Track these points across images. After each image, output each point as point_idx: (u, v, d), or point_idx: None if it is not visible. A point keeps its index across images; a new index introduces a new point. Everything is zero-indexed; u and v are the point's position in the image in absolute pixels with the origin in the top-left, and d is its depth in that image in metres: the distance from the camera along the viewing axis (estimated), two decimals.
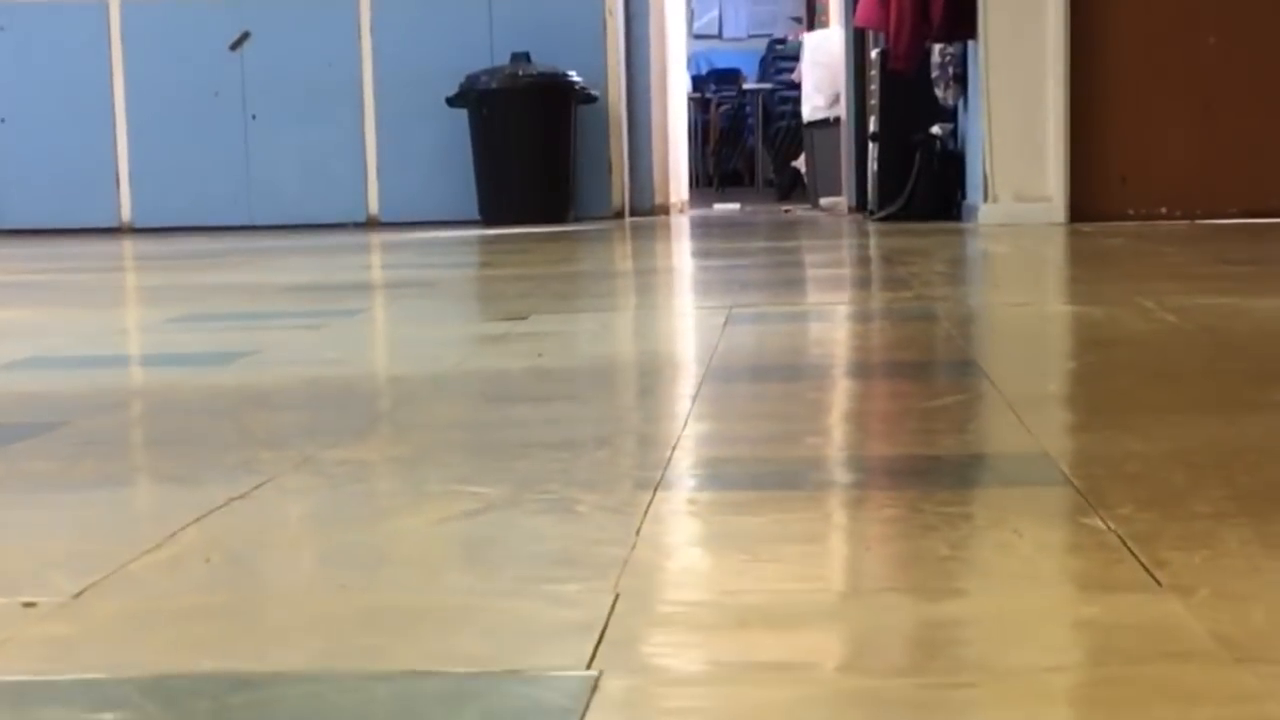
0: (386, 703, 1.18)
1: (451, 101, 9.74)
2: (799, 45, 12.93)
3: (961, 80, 9.08)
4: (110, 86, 10.17)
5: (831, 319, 4.37)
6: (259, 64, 10.18)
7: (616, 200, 10.29)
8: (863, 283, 5.67)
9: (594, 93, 9.90)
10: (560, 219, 9.74)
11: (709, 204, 12.88)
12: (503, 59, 9.84)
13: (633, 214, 10.37)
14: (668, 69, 10.65)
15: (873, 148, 9.59)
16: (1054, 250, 6.90)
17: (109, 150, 10.25)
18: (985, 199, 8.57)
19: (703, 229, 9.45)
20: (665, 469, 2.12)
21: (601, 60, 10.13)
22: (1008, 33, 8.54)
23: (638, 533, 1.75)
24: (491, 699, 1.19)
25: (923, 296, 4.65)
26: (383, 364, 3.70)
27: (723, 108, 15.97)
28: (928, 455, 2.25)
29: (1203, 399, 2.82)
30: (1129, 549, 1.61)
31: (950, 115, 9.31)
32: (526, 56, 9.79)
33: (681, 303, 5.00)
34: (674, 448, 2.30)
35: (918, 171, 9.10)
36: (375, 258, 7.59)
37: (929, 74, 9.16)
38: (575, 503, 1.91)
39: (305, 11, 10.15)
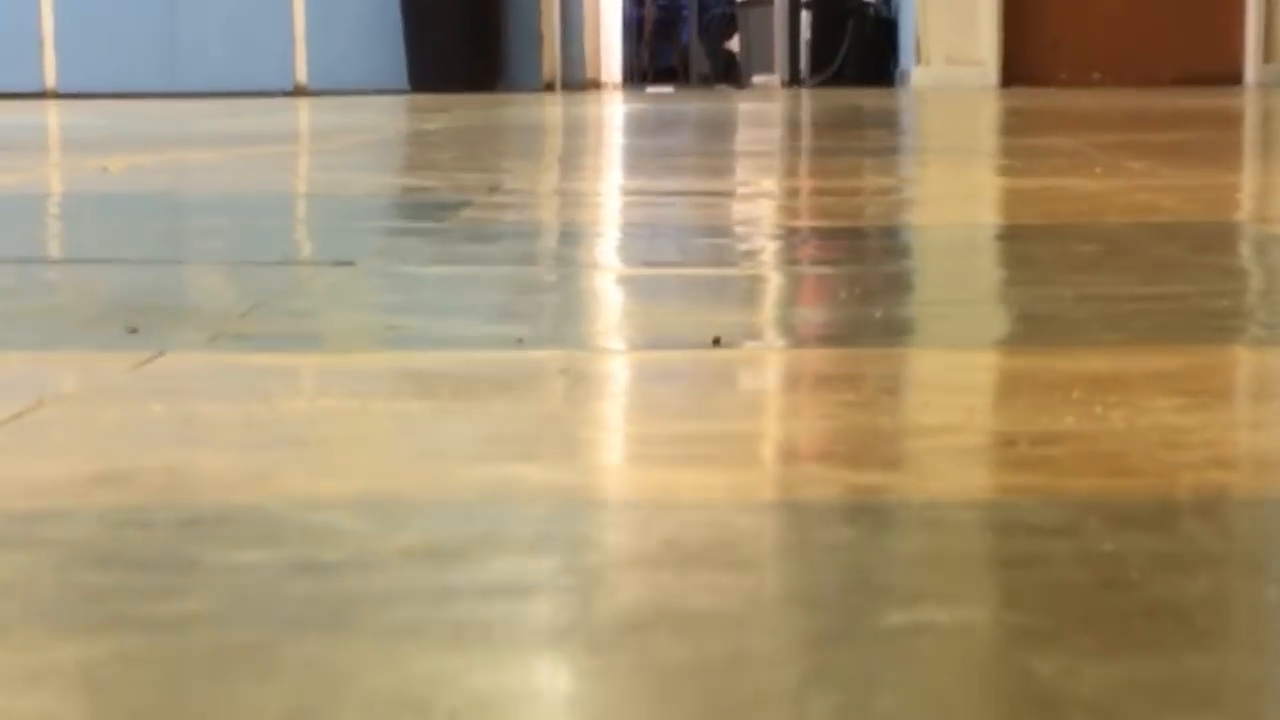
0: None
1: None
2: None
3: None
4: None
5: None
6: None
7: (547, 72, 10.20)
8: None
9: None
10: (489, 88, 9.64)
11: (641, 90, 12.80)
12: None
13: (563, 88, 10.28)
14: None
15: (806, 16, 9.54)
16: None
17: (34, 15, 10.10)
18: (917, 62, 8.53)
19: (637, 101, 9.39)
20: None
21: None
22: None
23: None
24: None
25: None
26: None
27: (658, 0, 15.84)
28: None
29: None
30: None
31: None
32: None
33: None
34: None
35: (850, 38, 9.05)
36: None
37: None
38: None
39: None
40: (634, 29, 15.28)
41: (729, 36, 12.69)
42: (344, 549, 0.83)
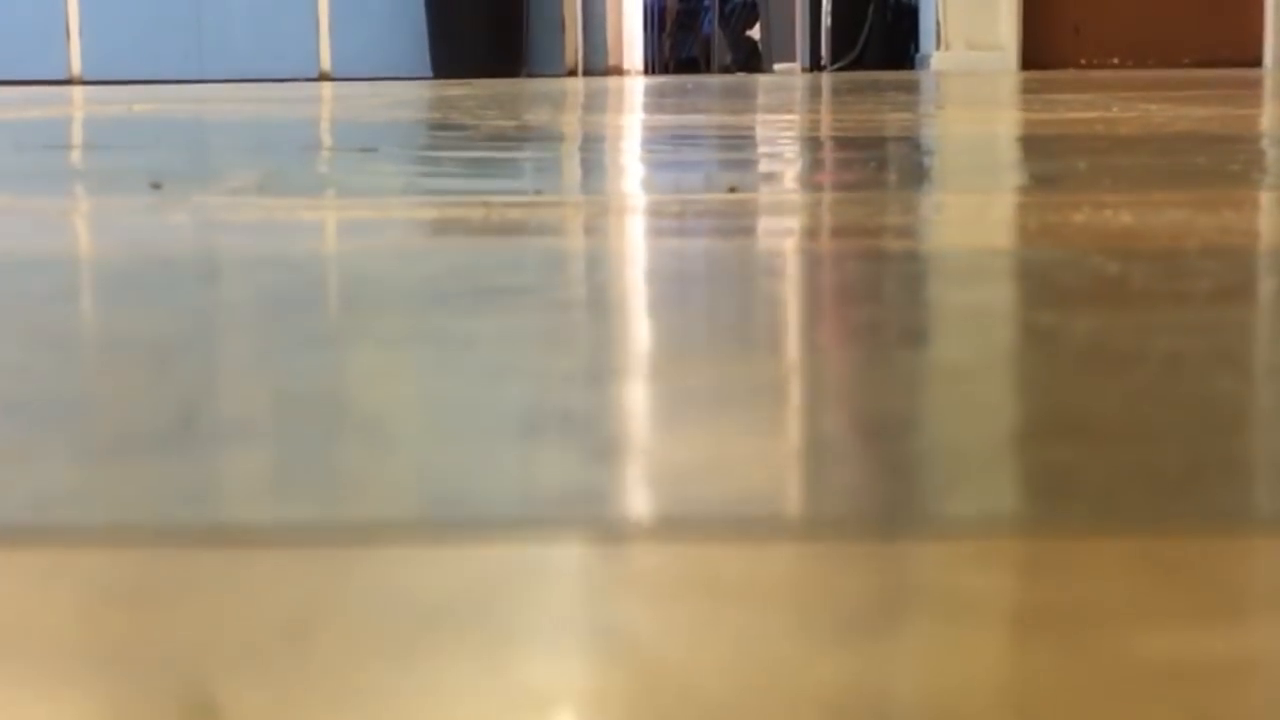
0: None
1: None
2: None
3: None
4: None
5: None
6: None
7: (569, 60, 10.23)
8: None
9: None
10: (512, 75, 9.67)
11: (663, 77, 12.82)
12: None
13: (586, 74, 10.32)
14: None
15: (826, 3, 9.56)
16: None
17: (60, 2, 10.15)
18: (937, 47, 8.55)
19: (658, 85, 9.42)
20: None
21: None
22: None
23: None
24: None
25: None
26: None
27: None
28: None
29: None
30: None
31: None
32: None
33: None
34: None
35: (871, 24, 9.07)
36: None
37: None
38: None
39: None
40: (656, 19, 15.31)
41: (750, 25, 12.73)
42: None
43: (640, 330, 0.90)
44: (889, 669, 0.40)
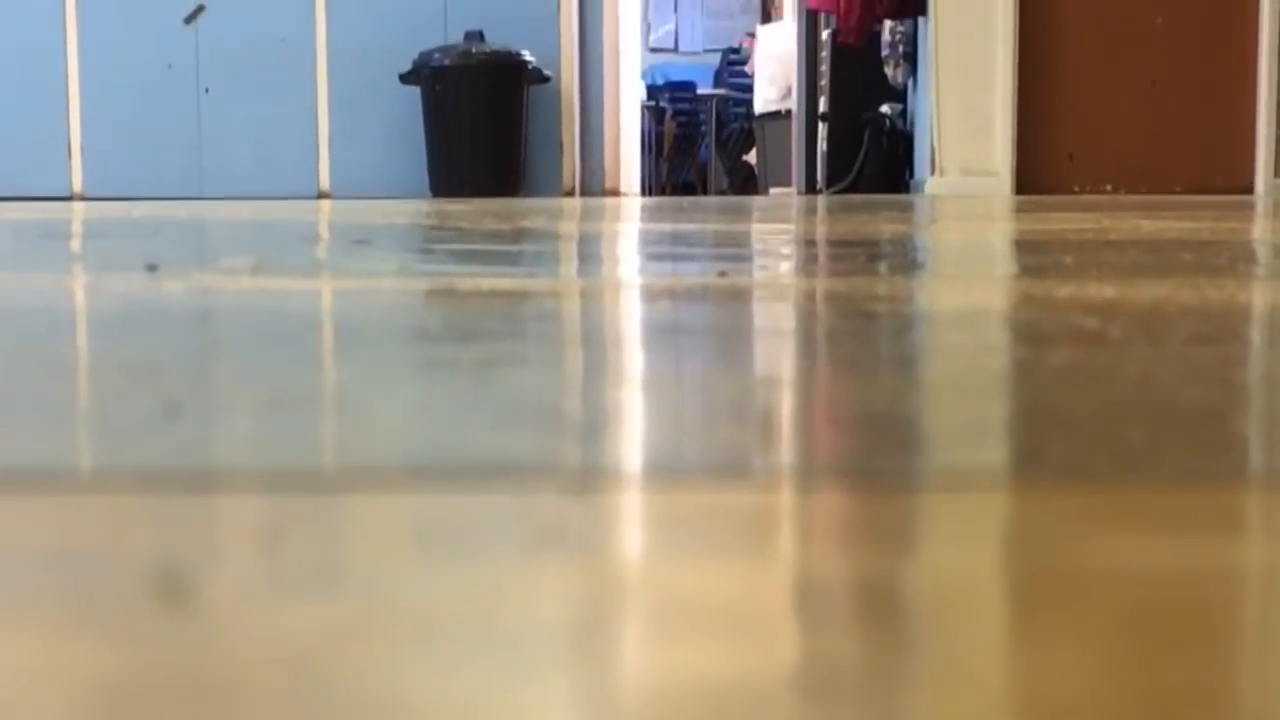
0: None
1: (404, 78, 9.75)
2: (752, 53, 13.00)
3: (911, 59, 9.14)
4: (64, 57, 10.16)
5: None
6: (213, 37, 10.18)
7: (567, 180, 10.30)
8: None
9: (547, 73, 9.92)
10: (510, 196, 9.74)
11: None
12: (457, 37, 9.86)
13: (583, 195, 10.39)
14: (621, 56, 10.69)
15: (822, 128, 9.65)
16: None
17: (61, 120, 10.24)
18: (932, 173, 8.61)
19: (654, 203, 9.48)
20: None
21: (555, 41, 10.16)
22: (957, 8, 8.60)
23: None
24: None
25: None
26: None
27: (677, 117, 15.99)
28: None
29: None
30: None
31: (900, 95, 9.37)
32: (480, 35, 9.81)
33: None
34: None
35: (866, 149, 9.15)
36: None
37: (879, 54, 9.22)
38: None
39: None
40: (653, 144, 15.44)
41: (746, 150, 12.83)
42: None
43: (607, 358, 0.92)
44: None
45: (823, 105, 9.69)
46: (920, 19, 8.87)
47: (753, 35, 16.81)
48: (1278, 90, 8.63)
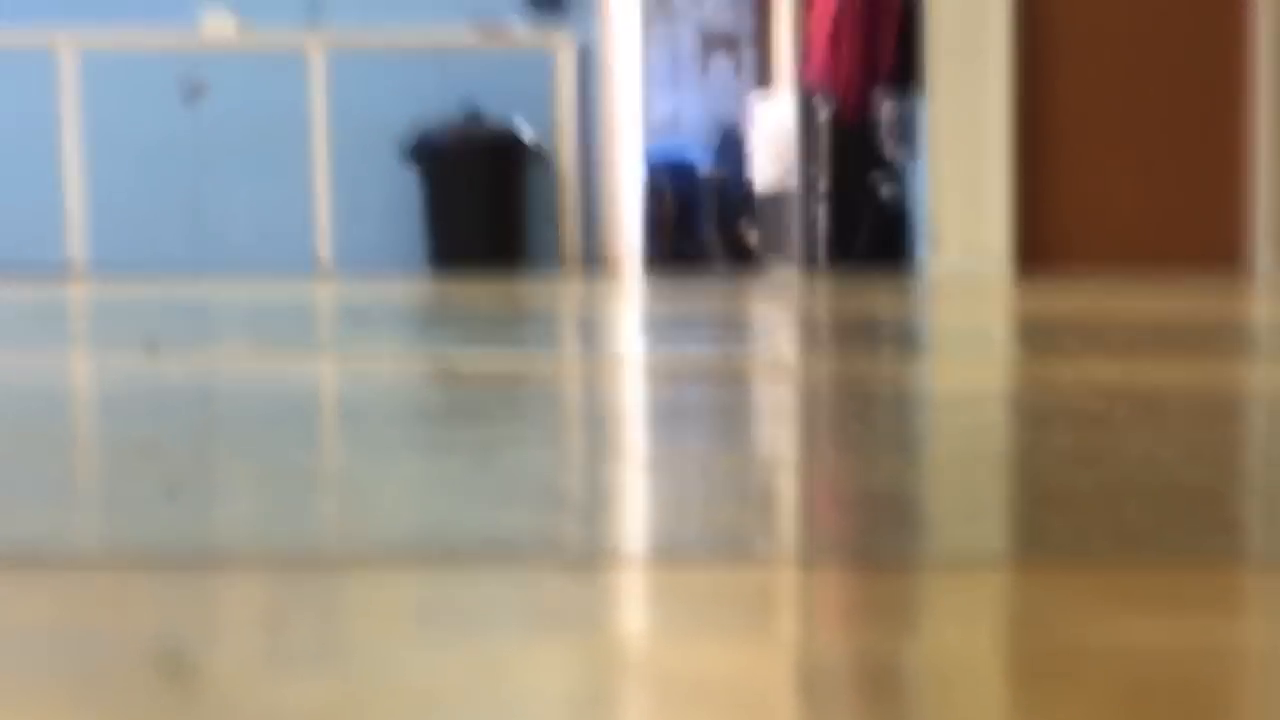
0: None
1: (404, 157, 9.78)
2: (750, 130, 13.03)
3: (909, 137, 9.17)
4: (61, 135, 10.19)
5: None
6: (213, 114, 10.22)
7: (568, 256, 10.32)
8: None
9: (545, 150, 9.95)
10: (509, 266, 9.75)
11: (659, 275, 12.90)
12: (454, 112, 9.90)
13: (583, 271, 10.40)
14: (619, 133, 10.72)
15: (822, 206, 9.67)
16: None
17: (60, 192, 10.26)
18: (931, 250, 8.63)
19: (654, 285, 9.48)
20: None
21: (553, 118, 10.19)
22: (953, 85, 8.64)
23: None
24: None
25: None
26: None
27: (677, 196, 16.01)
28: None
29: None
30: None
31: (898, 174, 9.39)
32: (478, 113, 9.84)
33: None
34: None
35: (866, 227, 9.16)
36: None
37: (877, 131, 9.25)
38: None
39: (259, 64, 10.22)
40: (654, 215, 15.44)
41: (746, 228, 12.85)
42: None
43: (602, 427, 0.92)
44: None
45: (821, 183, 9.71)
46: (918, 98, 8.91)
47: (751, 114, 16.87)
48: (1277, 166, 8.66)
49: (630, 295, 4.23)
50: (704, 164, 16.39)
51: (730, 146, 15.20)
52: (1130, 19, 8.70)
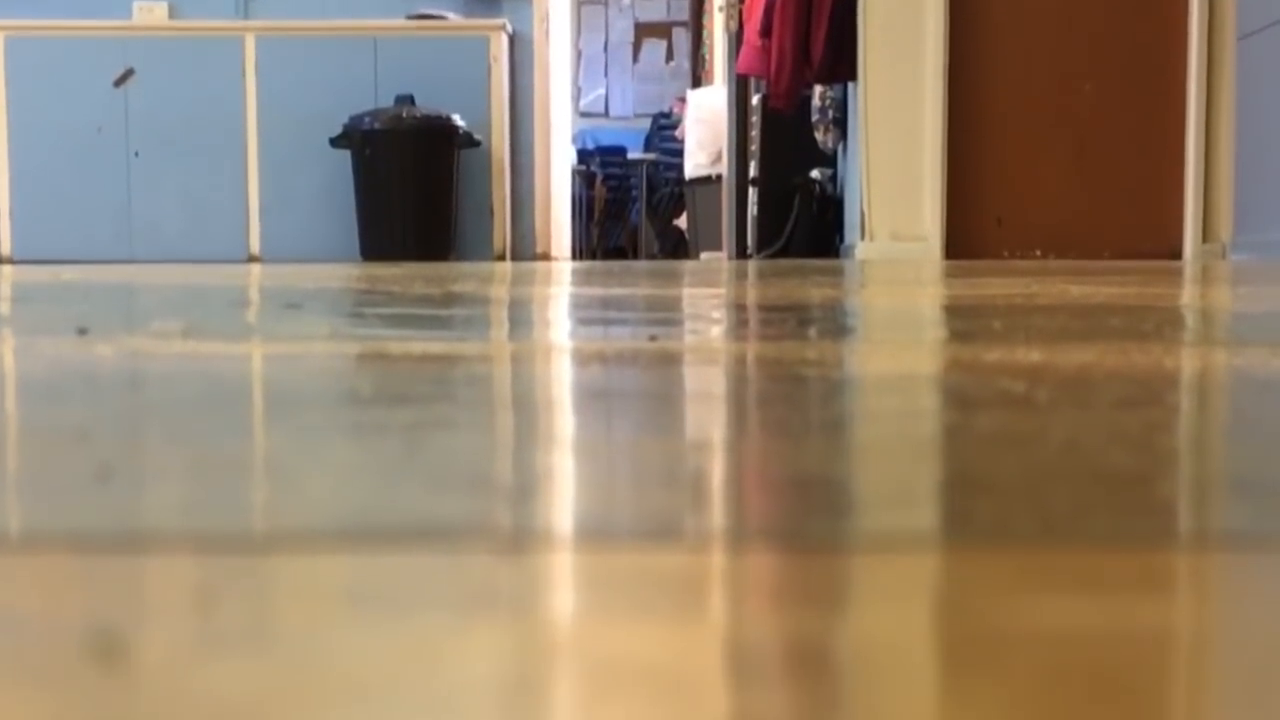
0: None
1: (334, 142, 9.75)
2: (682, 118, 13.06)
3: (841, 124, 9.20)
4: None
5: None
6: (143, 101, 10.17)
7: (498, 245, 10.32)
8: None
9: (477, 137, 9.94)
10: (440, 259, 9.74)
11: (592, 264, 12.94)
12: (387, 102, 9.88)
13: (514, 259, 10.41)
14: (551, 120, 10.72)
15: (753, 193, 9.69)
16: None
17: None
18: (862, 237, 8.66)
19: (585, 268, 9.50)
20: None
21: (485, 106, 10.18)
22: (887, 74, 8.67)
23: None
24: None
25: None
26: None
27: (608, 182, 16.04)
28: None
29: None
30: None
31: (830, 160, 9.42)
32: (411, 99, 9.83)
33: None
34: None
35: (796, 214, 9.19)
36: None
37: (809, 119, 9.28)
38: None
39: (190, 50, 10.16)
40: (584, 209, 15.48)
41: (677, 215, 12.88)
42: None
43: (538, 421, 0.92)
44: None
45: (753, 170, 9.74)
46: (850, 85, 8.93)
47: (683, 100, 16.89)
48: (1205, 157, 8.72)
49: (560, 280, 4.23)
50: (635, 149, 16.39)
51: (661, 132, 15.20)
52: (1064, 6, 8.74)
